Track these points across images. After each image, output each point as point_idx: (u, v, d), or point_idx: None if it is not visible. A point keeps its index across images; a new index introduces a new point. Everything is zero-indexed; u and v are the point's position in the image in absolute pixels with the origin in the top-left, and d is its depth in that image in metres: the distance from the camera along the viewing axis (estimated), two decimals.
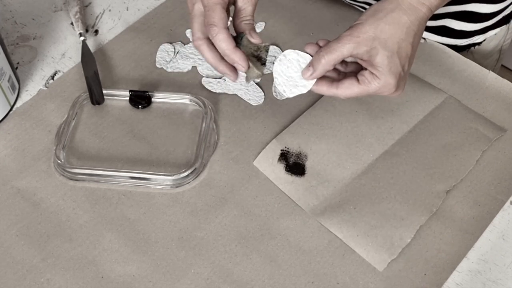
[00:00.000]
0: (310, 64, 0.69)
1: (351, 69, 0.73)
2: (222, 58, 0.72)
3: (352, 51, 0.67)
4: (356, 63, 0.72)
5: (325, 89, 0.70)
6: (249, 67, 0.71)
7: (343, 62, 0.73)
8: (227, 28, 0.70)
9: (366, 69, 0.69)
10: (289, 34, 0.93)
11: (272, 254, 0.73)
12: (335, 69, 0.73)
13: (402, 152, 0.80)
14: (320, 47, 0.70)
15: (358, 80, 0.69)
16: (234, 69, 0.73)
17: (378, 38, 0.66)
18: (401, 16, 0.67)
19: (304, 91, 0.71)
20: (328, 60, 0.68)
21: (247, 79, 0.72)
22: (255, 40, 0.71)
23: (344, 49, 0.67)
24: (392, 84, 0.68)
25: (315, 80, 0.70)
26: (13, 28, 0.96)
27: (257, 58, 0.72)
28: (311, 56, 0.70)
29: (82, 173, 0.78)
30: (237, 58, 0.69)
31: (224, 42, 0.69)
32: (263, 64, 0.72)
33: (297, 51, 0.70)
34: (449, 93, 0.86)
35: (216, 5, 0.69)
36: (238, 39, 0.72)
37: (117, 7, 0.99)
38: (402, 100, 0.84)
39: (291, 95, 0.72)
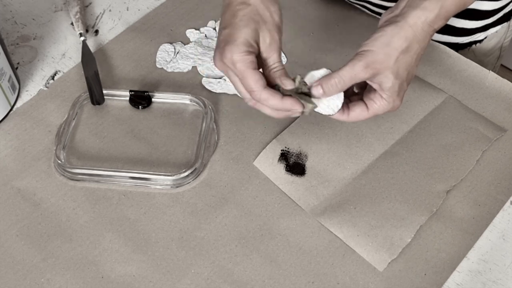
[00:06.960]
0: (320, 84, 0.69)
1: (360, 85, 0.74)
2: None
3: (365, 79, 0.68)
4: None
5: (336, 115, 0.72)
6: (303, 106, 0.70)
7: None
8: (266, 85, 0.69)
9: (373, 89, 0.70)
10: (289, 34, 0.93)
11: (272, 254, 0.73)
12: None
13: (402, 152, 0.80)
14: None
15: (366, 105, 0.70)
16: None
17: (392, 68, 0.68)
18: (414, 44, 0.68)
19: (330, 112, 0.71)
20: (339, 88, 0.68)
21: (306, 113, 0.72)
22: (288, 87, 0.70)
23: (357, 79, 0.68)
24: (398, 105, 0.71)
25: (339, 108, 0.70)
26: (13, 28, 0.96)
27: (303, 93, 0.71)
28: None
29: (82, 173, 0.78)
30: (290, 105, 0.69)
31: (270, 100, 0.69)
32: (310, 95, 0.71)
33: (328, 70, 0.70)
34: (449, 93, 0.86)
35: (246, 70, 0.68)
36: (276, 87, 0.70)
37: (117, 7, 0.99)
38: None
39: (322, 112, 0.71)
